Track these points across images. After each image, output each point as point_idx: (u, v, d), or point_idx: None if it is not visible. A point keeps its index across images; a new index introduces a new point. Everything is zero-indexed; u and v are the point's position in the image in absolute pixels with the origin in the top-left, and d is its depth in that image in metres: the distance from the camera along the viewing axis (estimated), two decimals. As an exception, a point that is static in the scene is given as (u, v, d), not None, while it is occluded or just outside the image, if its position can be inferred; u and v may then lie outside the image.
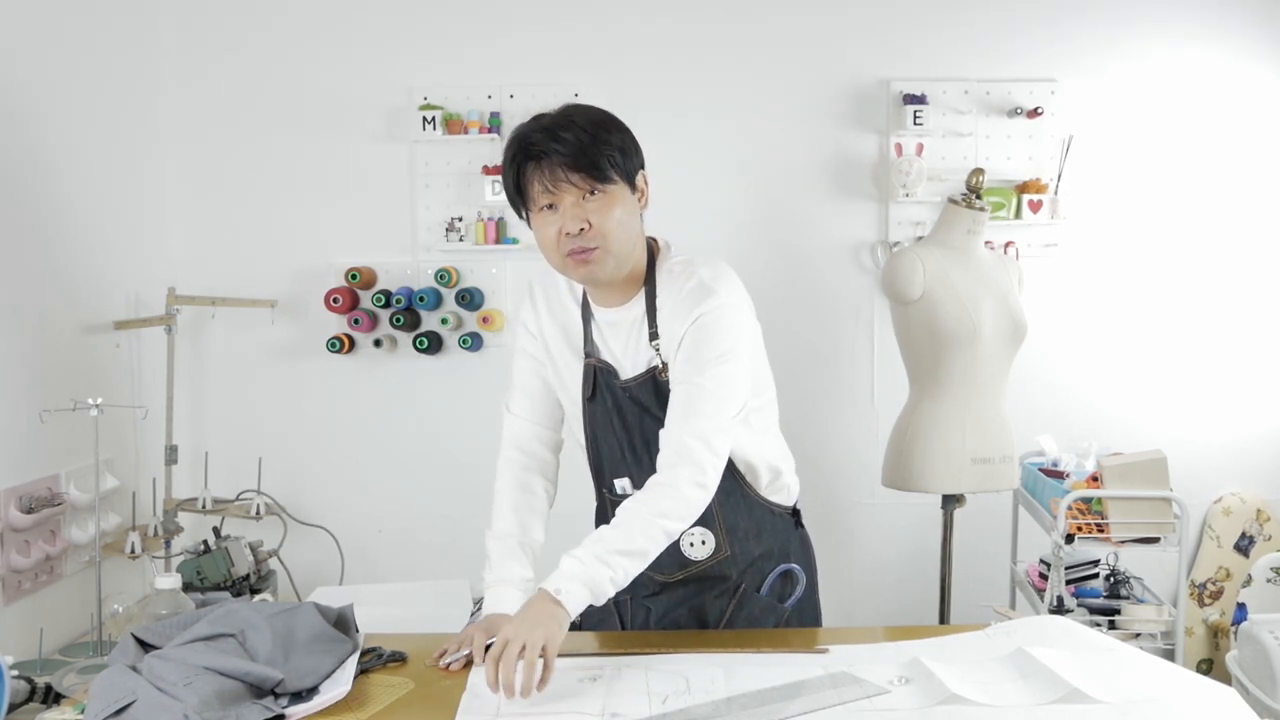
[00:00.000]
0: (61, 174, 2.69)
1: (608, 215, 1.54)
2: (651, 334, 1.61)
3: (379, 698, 1.43)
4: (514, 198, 1.60)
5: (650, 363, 1.62)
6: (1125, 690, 1.35)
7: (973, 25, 3.09)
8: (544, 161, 1.53)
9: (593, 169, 1.52)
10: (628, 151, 1.58)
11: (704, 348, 1.56)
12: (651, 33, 3.07)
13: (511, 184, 1.59)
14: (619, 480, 1.70)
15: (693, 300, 1.58)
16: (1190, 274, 3.15)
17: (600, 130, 1.55)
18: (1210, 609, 3.20)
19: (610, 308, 1.66)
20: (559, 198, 1.54)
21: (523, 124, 1.58)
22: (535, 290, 1.76)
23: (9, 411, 2.43)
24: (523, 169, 1.56)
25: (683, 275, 1.62)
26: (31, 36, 2.58)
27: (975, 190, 2.67)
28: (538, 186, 1.54)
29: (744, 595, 1.72)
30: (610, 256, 1.56)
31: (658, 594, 1.73)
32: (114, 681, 1.33)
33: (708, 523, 1.65)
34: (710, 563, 1.69)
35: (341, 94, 3.10)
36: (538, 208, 1.57)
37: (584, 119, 1.55)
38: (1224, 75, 3.10)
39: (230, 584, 2.56)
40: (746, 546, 1.71)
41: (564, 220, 1.54)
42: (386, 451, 3.18)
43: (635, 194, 1.60)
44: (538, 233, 1.59)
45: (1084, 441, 2.88)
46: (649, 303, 1.63)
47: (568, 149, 1.52)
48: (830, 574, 3.20)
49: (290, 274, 3.13)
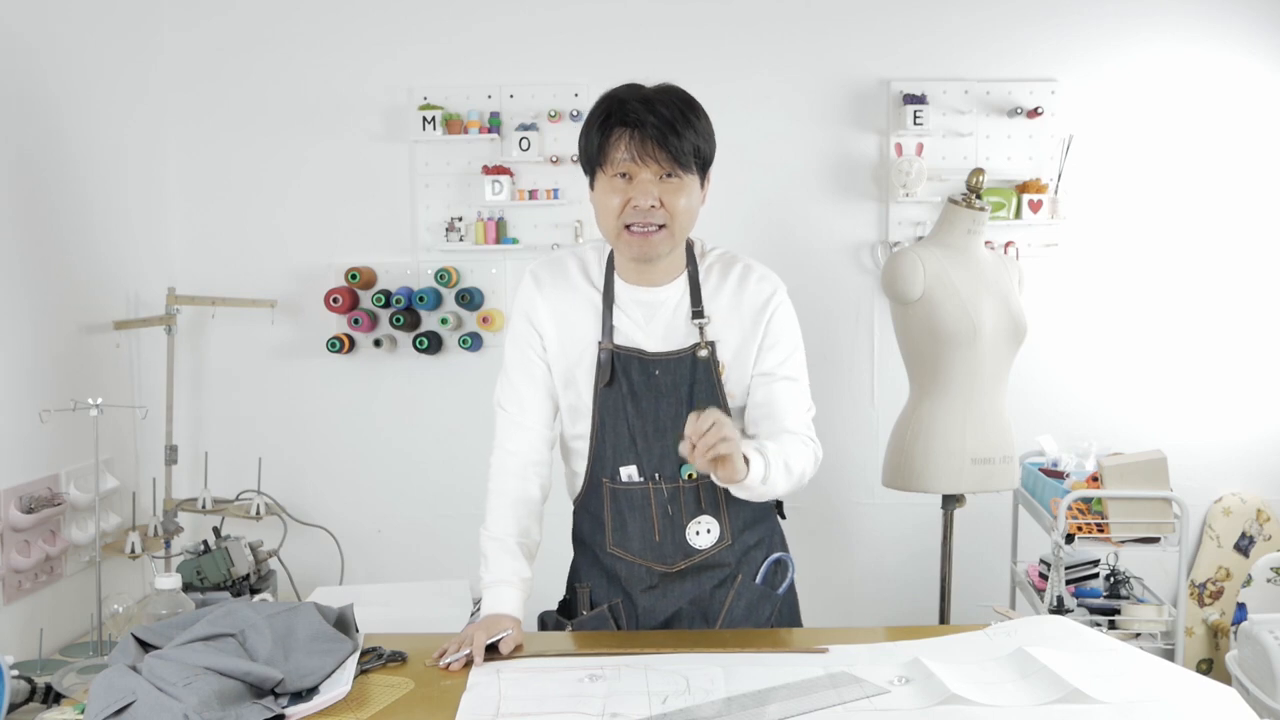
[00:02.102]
0: (61, 174, 2.68)
1: (679, 199, 1.60)
2: (696, 312, 1.67)
3: (379, 698, 1.43)
4: (591, 156, 1.62)
5: (690, 340, 1.66)
6: (1125, 690, 1.35)
7: (973, 25, 3.09)
8: (636, 131, 1.56)
9: (678, 152, 1.56)
10: (708, 143, 1.63)
11: (789, 340, 1.70)
12: (651, 33, 3.07)
13: (595, 144, 1.60)
14: (625, 468, 1.68)
15: (759, 285, 1.69)
16: (1190, 274, 3.16)
17: (692, 115, 1.60)
18: (1210, 609, 3.20)
19: (650, 287, 1.69)
20: (639, 171, 1.57)
21: (619, 88, 1.62)
22: (541, 275, 1.74)
23: (9, 411, 2.43)
24: (610, 131, 1.58)
25: (727, 260, 1.72)
26: (31, 36, 2.58)
27: (975, 190, 2.67)
28: (622, 153, 1.57)
29: (741, 584, 1.73)
30: (672, 239, 1.62)
31: (654, 587, 1.72)
32: (114, 681, 1.33)
33: (715, 512, 1.69)
34: (711, 551, 1.71)
35: (341, 94, 3.10)
36: (611, 174, 1.60)
37: (680, 101, 1.61)
38: (1224, 75, 3.10)
39: (230, 584, 2.56)
40: (743, 536, 1.74)
41: (636, 193, 1.57)
42: (386, 451, 3.18)
43: (702, 187, 1.66)
44: (601, 198, 1.62)
45: (1084, 441, 2.88)
46: (692, 284, 1.68)
47: (663, 125, 1.55)
48: (830, 574, 3.25)
49: (290, 274, 3.13)
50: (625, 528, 1.70)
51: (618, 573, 1.73)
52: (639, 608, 1.74)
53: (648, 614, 1.74)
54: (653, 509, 1.68)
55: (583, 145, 1.64)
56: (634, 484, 1.68)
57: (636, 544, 1.70)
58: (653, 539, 1.69)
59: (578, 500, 1.78)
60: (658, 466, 1.67)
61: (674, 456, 1.62)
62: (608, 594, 1.75)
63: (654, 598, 1.73)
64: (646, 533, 1.69)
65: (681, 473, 1.67)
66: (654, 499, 1.68)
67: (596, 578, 1.76)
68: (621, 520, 1.70)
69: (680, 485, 1.67)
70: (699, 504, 1.69)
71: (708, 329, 1.66)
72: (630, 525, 1.69)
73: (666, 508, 1.68)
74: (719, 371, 1.66)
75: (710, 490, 1.68)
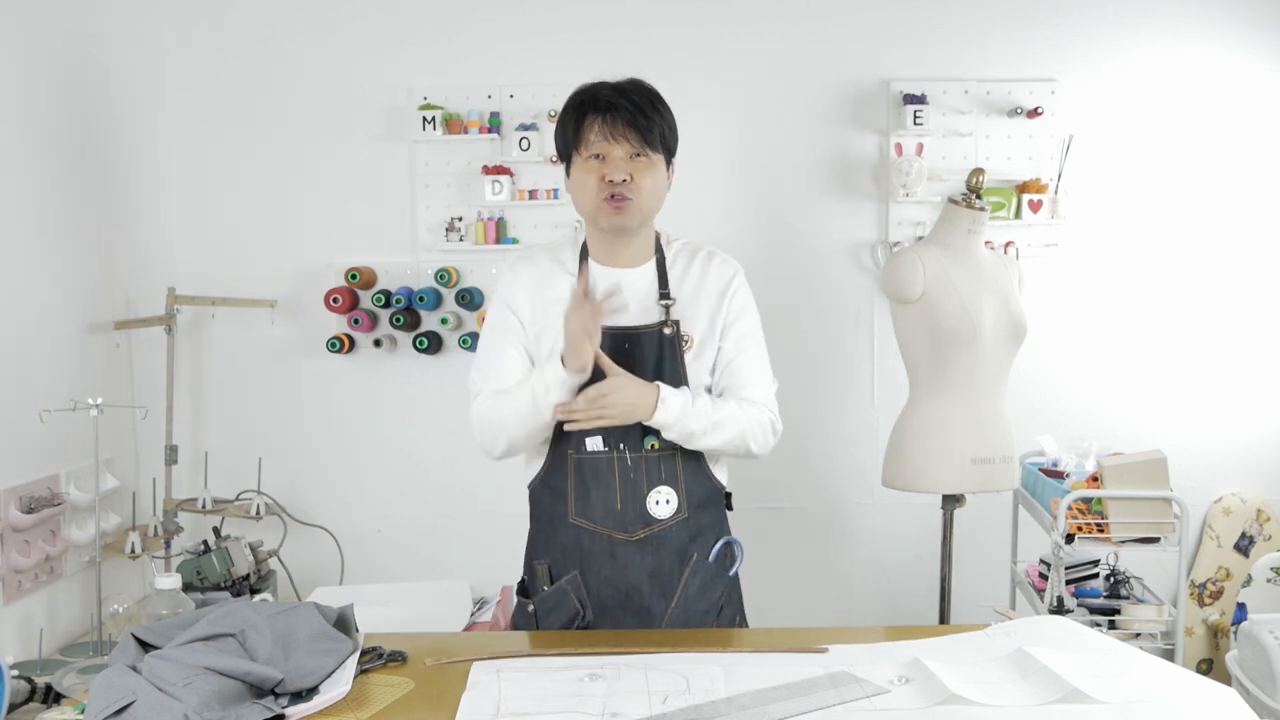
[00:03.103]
0: (61, 174, 2.69)
1: (646, 176, 1.75)
2: (663, 294, 1.81)
3: (379, 698, 1.43)
4: (567, 142, 1.78)
5: (658, 318, 1.80)
6: (1125, 690, 1.35)
7: (973, 25, 3.09)
8: (607, 115, 1.72)
9: (646, 133, 1.73)
10: (672, 131, 1.81)
11: (750, 317, 1.86)
12: (651, 33, 3.07)
13: (571, 129, 1.76)
14: (590, 439, 1.77)
15: (720, 268, 1.85)
16: (1190, 274, 3.16)
17: (658, 104, 1.77)
18: (1210, 609, 3.20)
19: (621, 268, 1.82)
20: (610, 149, 1.73)
21: (588, 83, 1.78)
22: (517, 265, 1.88)
23: (9, 411, 2.43)
24: (584, 118, 1.74)
25: (692, 248, 1.88)
26: (32, 36, 2.58)
27: (975, 190, 2.66)
28: (595, 135, 1.73)
29: (696, 563, 1.81)
30: (639, 211, 1.76)
31: (614, 557, 1.77)
32: (114, 682, 1.33)
33: (674, 483, 1.78)
34: (670, 523, 1.78)
35: (341, 94, 3.10)
36: (586, 156, 1.75)
37: (645, 91, 1.77)
38: (1224, 75, 3.10)
39: (230, 584, 2.56)
40: (698, 514, 1.82)
41: (610, 169, 1.73)
42: (386, 451, 3.18)
43: (667, 172, 1.81)
44: (577, 179, 1.77)
45: (1084, 441, 2.88)
46: (660, 268, 1.83)
47: (633, 109, 1.72)
48: (830, 574, 3.25)
49: (290, 274, 3.13)
50: (588, 495, 1.78)
51: (579, 543, 1.79)
52: (601, 576, 1.78)
53: (608, 584, 1.78)
54: (616, 477, 1.77)
55: (559, 135, 1.80)
56: (599, 453, 1.77)
57: (599, 512, 1.77)
58: (614, 507, 1.77)
59: (537, 479, 1.84)
60: (623, 437, 1.76)
61: (639, 426, 1.74)
62: (565, 567, 1.80)
63: (614, 568, 1.78)
64: (609, 500, 1.77)
65: (644, 443, 1.77)
66: (617, 467, 1.77)
67: (554, 552, 1.82)
68: (585, 489, 1.78)
69: (644, 454, 1.77)
70: (660, 473, 1.78)
71: (673, 309, 1.80)
72: (594, 493, 1.77)
73: (629, 475, 1.77)
74: (682, 349, 1.79)
75: (670, 462, 1.78)
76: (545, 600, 1.81)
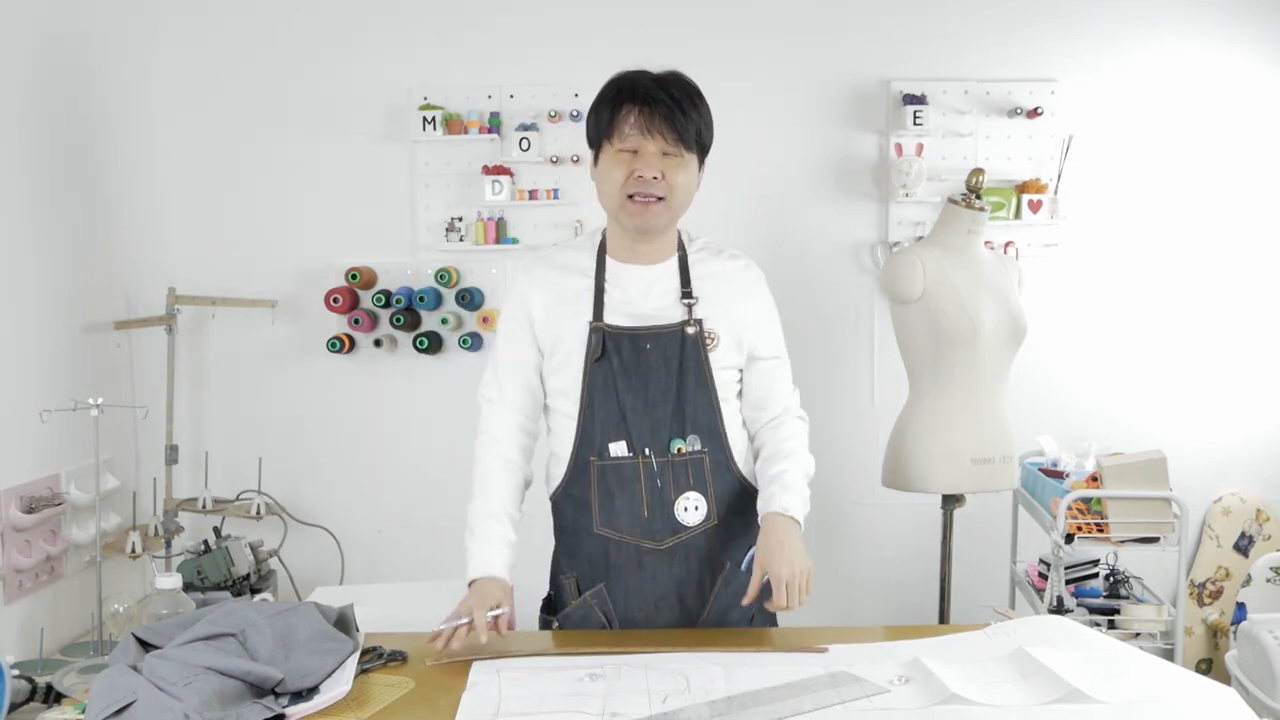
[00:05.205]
0: (61, 174, 2.69)
1: (679, 174, 1.69)
2: (685, 292, 1.74)
3: (379, 698, 1.43)
4: (599, 129, 1.70)
5: (680, 317, 1.73)
6: (1125, 690, 1.35)
7: (973, 25, 3.09)
8: (645, 107, 1.65)
9: (682, 130, 1.67)
10: (709, 129, 1.74)
11: (777, 322, 1.83)
12: (651, 33, 3.07)
13: (605, 118, 1.69)
14: (614, 444, 1.71)
15: (745, 270, 1.82)
16: (1190, 274, 3.16)
17: (697, 100, 1.71)
18: (1210, 609, 3.20)
19: (642, 265, 1.76)
20: (645, 144, 1.66)
21: (629, 70, 1.71)
22: (531, 265, 1.81)
23: (9, 411, 2.43)
24: (620, 107, 1.67)
25: (715, 248, 1.84)
26: (31, 36, 2.58)
27: (975, 190, 2.67)
28: (630, 127, 1.66)
29: (730, 572, 1.75)
30: (669, 211, 1.71)
31: (642, 567, 1.72)
32: (114, 681, 1.33)
33: (702, 489, 1.72)
34: (699, 529, 1.72)
35: (341, 94, 3.10)
36: (618, 148, 1.68)
37: (685, 85, 1.71)
38: (1224, 74, 3.10)
39: (230, 584, 2.56)
40: (730, 521, 1.76)
41: (641, 164, 1.66)
42: (386, 451, 3.18)
43: (699, 172, 1.76)
44: (605, 170, 1.70)
45: (1084, 441, 2.88)
46: (682, 266, 1.78)
47: (671, 104, 1.66)
48: (830, 574, 3.24)
49: (290, 274, 3.13)
50: (613, 504, 1.71)
51: (605, 554, 1.73)
52: (627, 587, 1.73)
53: (636, 594, 1.73)
54: (641, 484, 1.70)
55: (591, 121, 1.72)
56: (623, 459, 1.70)
57: (625, 520, 1.71)
58: (641, 514, 1.70)
59: (559, 489, 1.78)
60: (648, 441, 1.70)
61: (664, 430, 1.69)
62: (592, 580, 1.75)
63: (642, 578, 1.72)
64: (635, 508, 1.70)
65: (670, 447, 1.70)
66: (643, 473, 1.70)
67: (581, 565, 1.77)
68: (609, 497, 1.71)
69: (670, 459, 1.71)
70: (688, 479, 1.71)
71: (696, 308, 1.74)
72: (619, 501, 1.71)
73: (655, 481, 1.70)
74: (706, 349, 1.73)
75: (698, 466, 1.72)
76: (570, 616, 1.76)
